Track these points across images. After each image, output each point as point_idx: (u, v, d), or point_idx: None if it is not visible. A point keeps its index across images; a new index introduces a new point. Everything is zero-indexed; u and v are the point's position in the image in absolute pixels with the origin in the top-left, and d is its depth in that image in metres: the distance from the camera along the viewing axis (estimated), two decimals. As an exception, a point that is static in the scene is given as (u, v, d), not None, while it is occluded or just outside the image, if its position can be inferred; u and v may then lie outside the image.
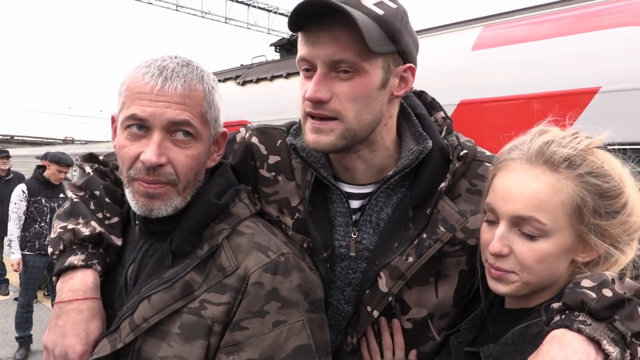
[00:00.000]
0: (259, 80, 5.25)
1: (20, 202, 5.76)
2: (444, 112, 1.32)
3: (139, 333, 1.06)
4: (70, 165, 5.95)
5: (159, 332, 1.06)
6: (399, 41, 1.11)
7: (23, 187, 5.84)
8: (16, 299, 6.58)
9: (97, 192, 1.27)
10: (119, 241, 1.22)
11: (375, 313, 1.20)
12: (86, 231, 1.19)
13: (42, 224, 5.83)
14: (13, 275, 7.79)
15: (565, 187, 0.98)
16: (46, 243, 5.52)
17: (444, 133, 1.27)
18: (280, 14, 21.28)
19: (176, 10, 19.78)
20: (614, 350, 0.84)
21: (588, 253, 1.02)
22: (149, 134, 1.07)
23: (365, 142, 1.20)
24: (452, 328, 1.24)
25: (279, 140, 1.35)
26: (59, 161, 5.85)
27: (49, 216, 5.83)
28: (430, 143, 1.20)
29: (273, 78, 5.07)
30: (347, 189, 1.26)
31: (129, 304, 1.10)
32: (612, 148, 1.06)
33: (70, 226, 1.20)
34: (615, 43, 2.69)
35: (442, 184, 1.18)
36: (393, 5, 1.12)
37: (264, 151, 1.35)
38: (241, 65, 6.03)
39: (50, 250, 1.21)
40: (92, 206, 1.26)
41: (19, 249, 5.75)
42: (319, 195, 1.27)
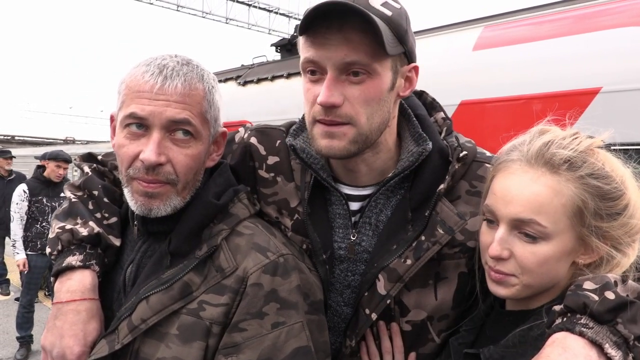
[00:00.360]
0: (259, 80, 5.26)
1: (22, 202, 5.76)
2: (444, 113, 1.31)
3: (137, 334, 1.05)
4: (68, 160, 5.95)
5: (157, 333, 1.06)
6: (406, 42, 1.10)
7: (24, 187, 5.84)
8: (17, 299, 6.58)
9: (96, 192, 1.27)
10: (118, 241, 1.22)
11: (374, 316, 1.19)
12: (84, 231, 1.18)
13: (44, 224, 5.84)
14: (14, 275, 7.80)
15: (566, 189, 0.97)
16: (46, 243, 5.52)
17: (443, 134, 1.26)
18: (281, 14, 21.27)
19: (177, 10, 19.80)
20: (616, 354, 0.82)
21: (589, 255, 1.01)
22: (148, 133, 1.06)
23: (371, 145, 1.18)
24: (452, 330, 1.23)
25: (278, 141, 1.35)
26: (56, 157, 5.86)
27: (50, 216, 5.83)
28: (430, 144, 1.19)
29: (274, 78, 5.07)
30: (347, 190, 1.26)
31: (127, 304, 1.10)
32: (613, 148, 1.05)
33: (69, 226, 1.19)
34: (616, 43, 2.69)
35: (441, 186, 1.17)
36: (397, 5, 1.11)
37: (262, 152, 1.35)
38: (242, 65, 6.03)
39: (48, 250, 1.21)
40: (91, 206, 1.25)
41: (23, 249, 5.75)
42: (318, 197, 1.26)
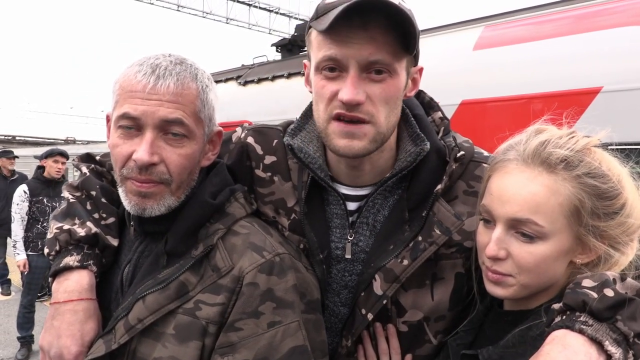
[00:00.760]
0: (260, 80, 5.26)
1: (22, 203, 5.76)
2: (442, 112, 1.31)
3: (133, 334, 1.05)
4: (63, 153, 5.95)
5: (153, 333, 1.06)
6: (417, 43, 1.10)
7: (24, 188, 5.84)
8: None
9: (94, 193, 1.27)
10: (115, 242, 1.22)
11: (370, 316, 1.19)
12: (82, 232, 1.18)
13: (45, 224, 5.83)
14: (15, 275, 7.80)
15: (563, 189, 0.97)
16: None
17: (441, 134, 1.26)
18: (281, 14, 21.28)
19: (177, 10, 19.81)
20: (616, 351, 0.83)
21: (587, 254, 1.01)
22: (141, 133, 1.06)
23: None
24: (449, 331, 1.23)
25: (275, 141, 1.34)
26: (51, 153, 5.87)
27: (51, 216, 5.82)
28: (427, 145, 1.18)
29: (274, 78, 5.07)
30: (344, 190, 1.25)
31: (124, 304, 1.10)
32: (611, 148, 1.05)
33: (66, 227, 1.19)
34: (616, 43, 2.69)
35: (439, 186, 1.16)
36: (407, 5, 1.10)
37: (259, 151, 1.34)
38: (242, 65, 6.03)
39: (46, 250, 1.21)
40: (89, 206, 1.25)
41: (24, 250, 5.75)
42: (315, 196, 1.26)
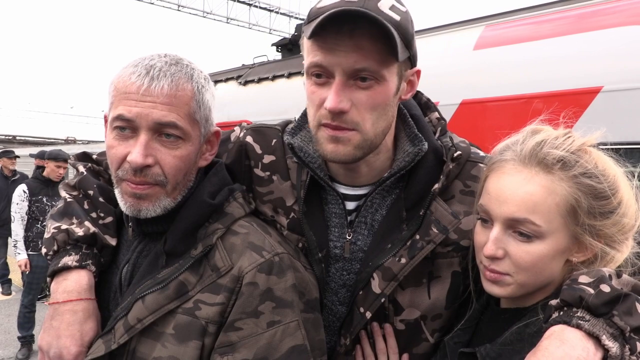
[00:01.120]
0: (260, 80, 5.26)
1: (22, 203, 5.76)
2: (439, 113, 1.32)
3: (133, 334, 1.06)
4: (68, 160, 5.95)
5: (153, 333, 1.06)
6: (412, 46, 1.10)
7: (24, 187, 5.84)
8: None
9: (91, 192, 1.26)
10: (113, 241, 1.22)
11: (368, 314, 1.19)
12: (80, 231, 1.18)
13: (45, 224, 5.82)
14: (16, 275, 7.81)
15: (560, 189, 0.98)
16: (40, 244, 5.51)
17: (437, 134, 1.26)
18: (281, 14, 21.27)
19: (177, 10, 19.81)
20: (613, 346, 0.84)
21: (583, 253, 1.02)
22: (136, 135, 1.06)
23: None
24: (445, 329, 1.24)
25: (274, 140, 1.35)
26: (56, 157, 5.85)
27: (50, 216, 5.82)
28: (425, 145, 1.19)
29: (275, 78, 5.07)
30: (343, 190, 1.26)
31: (123, 304, 1.10)
32: (607, 147, 1.05)
33: (64, 226, 1.19)
34: (617, 42, 2.69)
35: (436, 186, 1.17)
36: (403, 8, 1.09)
37: (258, 150, 1.34)
38: (243, 65, 6.03)
39: (44, 250, 1.21)
40: (86, 206, 1.25)
41: (24, 250, 5.75)
42: (314, 196, 1.26)
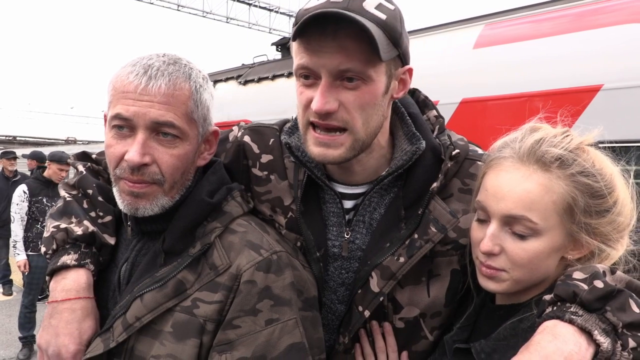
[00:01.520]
0: (260, 79, 5.25)
1: (22, 203, 5.76)
2: (437, 111, 1.32)
3: (131, 332, 1.06)
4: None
5: (151, 331, 1.07)
6: (400, 44, 1.10)
7: (24, 188, 5.84)
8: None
9: (90, 191, 1.27)
10: (112, 240, 1.22)
11: (367, 313, 1.19)
12: (79, 230, 1.18)
13: (45, 224, 5.82)
14: (17, 275, 7.81)
15: (557, 187, 0.98)
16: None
17: (436, 132, 1.26)
18: (281, 13, 21.27)
19: (177, 10, 19.81)
20: (605, 341, 0.85)
21: (578, 250, 1.03)
22: (134, 134, 1.06)
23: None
24: (445, 327, 1.24)
25: (272, 139, 1.35)
26: (60, 160, 5.85)
27: (50, 216, 5.82)
28: (423, 144, 1.19)
29: (275, 77, 5.07)
30: (341, 189, 1.26)
31: (121, 303, 1.10)
32: (605, 146, 1.06)
33: (63, 225, 1.20)
34: (617, 41, 2.68)
35: (434, 184, 1.17)
36: (391, 6, 1.09)
37: (256, 150, 1.35)
38: (243, 64, 6.03)
39: (43, 249, 1.21)
40: (85, 205, 1.25)
41: (24, 250, 5.76)
42: (311, 195, 1.27)
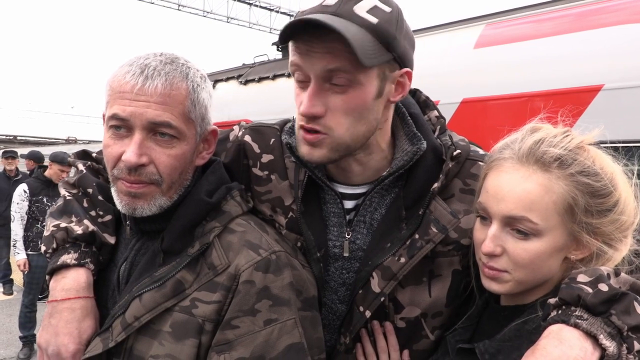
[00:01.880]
0: (261, 79, 5.25)
1: (22, 202, 5.76)
2: (438, 111, 1.31)
3: (130, 332, 1.06)
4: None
5: (150, 331, 1.06)
6: (395, 48, 1.08)
7: (24, 187, 5.83)
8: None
9: (90, 190, 1.26)
10: (112, 239, 1.22)
11: (368, 313, 1.19)
12: (79, 229, 1.18)
13: (45, 224, 5.81)
14: (17, 275, 7.82)
15: (557, 187, 0.98)
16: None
17: (437, 132, 1.26)
18: (282, 13, 21.28)
19: (178, 10, 19.82)
20: (610, 345, 0.84)
21: (581, 250, 1.02)
22: (131, 134, 1.06)
23: (362, 147, 1.19)
24: (446, 326, 1.24)
25: (272, 139, 1.35)
26: (62, 161, 5.84)
27: (51, 216, 5.82)
28: (424, 144, 1.19)
29: (275, 77, 5.07)
30: (341, 189, 1.26)
31: (120, 302, 1.10)
32: (610, 145, 1.05)
33: (63, 224, 1.20)
34: (618, 41, 2.68)
35: (435, 185, 1.17)
36: (387, 8, 1.08)
37: (257, 150, 1.34)
38: (243, 64, 6.03)
39: (43, 248, 1.21)
40: (85, 204, 1.25)
41: (24, 250, 5.75)
42: (312, 195, 1.26)
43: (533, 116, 1.12)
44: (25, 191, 5.80)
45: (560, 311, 0.91)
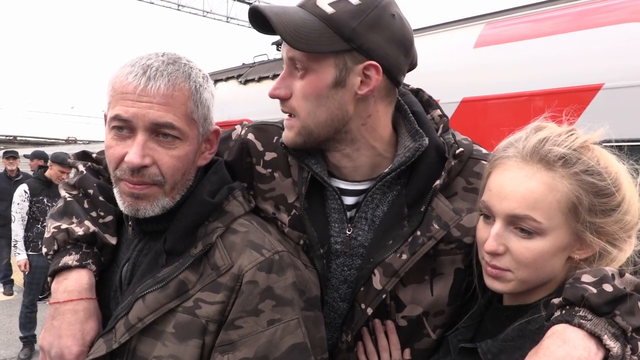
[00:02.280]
0: (261, 79, 5.25)
1: (23, 203, 5.76)
2: (441, 110, 1.32)
3: (133, 333, 1.05)
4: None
5: (153, 332, 1.06)
6: (355, 39, 1.09)
7: (25, 188, 5.84)
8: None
9: (91, 191, 1.26)
10: (113, 240, 1.22)
11: (369, 310, 1.19)
12: (80, 231, 1.18)
13: (45, 224, 5.82)
14: (18, 275, 7.82)
15: (561, 186, 0.98)
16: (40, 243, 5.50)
17: (440, 131, 1.26)
18: (281, 12, 21.24)
19: (177, 9, 19.80)
20: (614, 346, 0.84)
21: (585, 250, 1.02)
22: (133, 135, 1.06)
23: (345, 141, 1.21)
24: (447, 325, 1.24)
25: (275, 137, 1.34)
26: (62, 162, 5.84)
27: (51, 216, 5.82)
28: (426, 140, 1.19)
29: (275, 77, 5.05)
30: (342, 185, 1.26)
31: (123, 303, 1.10)
32: (610, 145, 1.04)
33: (64, 226, 1.19)
34: (618, 40, 2.68)
35: (437, 182, 1.17)
36: (355, 1, 1.09)
37: (260, 148, 1.34)
38: (243, 64, 6.02)
39: (44, 250, 1.21)
40: (86, 205, 1.25)
41: (24, 250, 5.75)
42: (315, 192, 1.26)
43: (533, 115, 1.12)
44: (25, 192, 5.80)
45: (564, 311, 0.91)
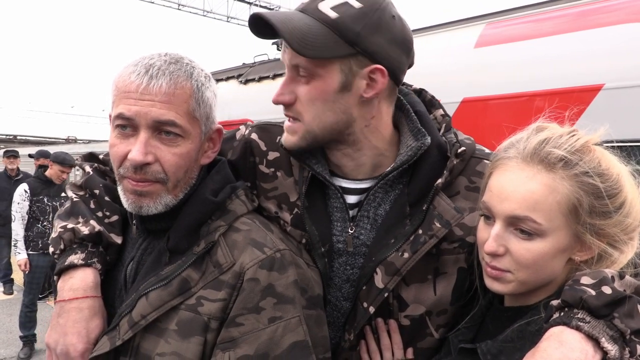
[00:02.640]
0: (261, 78, 5.26)
1: (23, 202, 5.76)
2: (443, 110, 1.33)
3: (137, 330, 1.07)
4: (73, 165, 5.95)
5: (156, 329, 1.07)
6: (359, 43, 1.10)
7: (25, 187, 5.84)
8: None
9: (97, 191, 1.28)
10: (119, 239, 1.23)
11: (372, 309, 1.20)
12: (85, 230, 1.19)
13: (45, 223, 5.83)
14: (18, 274, 7.82)
15: (561, 187, 0.97)
16: (48, 242, 5.51)
17: (442, 130, 1.27)
18: (282, 12, 21.25)
19: (178, 9, 19.81)
20: (612, 348, 0.83)
21: (585, 252, 1.01)
22: (136, 133, 1.07)
23: (347, 142, 1.22)
24: (450, 325, 1.25)
25: (279, 137, 1.35)
26: (62, 162, 5.85)
27: (51, 215, 5.83)
28: (428, 139, 1.20)
29: (275, 76, 5.07)
30: (344, 184, 1.27)
31: (127, 301, 1.11)
32: (612, 145, 1.04)
33: (70, 225, 1.21)
34: (618, 40, 2.68)
35: (439, 180, 1.18)
36: (357, 4, 1.10)
37: (263, 147, 1.36)
38: (243, 64, 6.03)
39: (51, 249, 1.23)
40: (92, 205, 1.27)
41: (24, 249, 5.75)
42: (317, 191, 1.27)
43: (533, 115, 1.12)
44: (26, 191, 5.80)
45: (562, 313, 0.90)
